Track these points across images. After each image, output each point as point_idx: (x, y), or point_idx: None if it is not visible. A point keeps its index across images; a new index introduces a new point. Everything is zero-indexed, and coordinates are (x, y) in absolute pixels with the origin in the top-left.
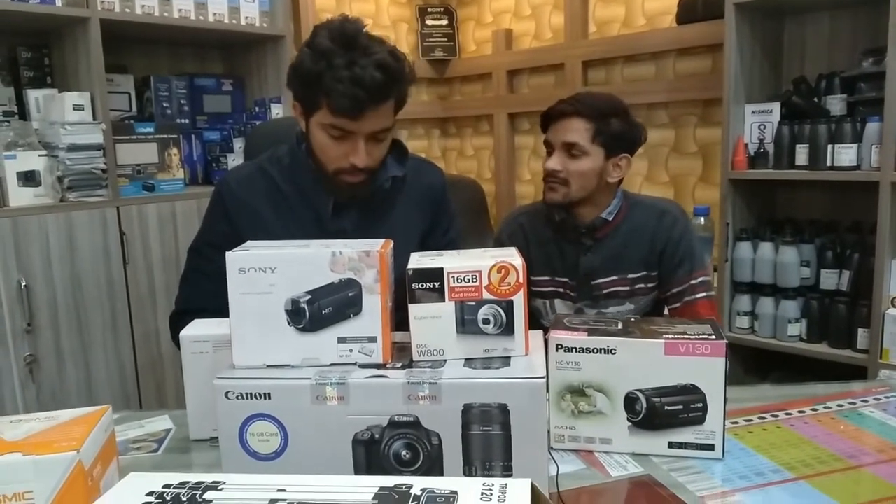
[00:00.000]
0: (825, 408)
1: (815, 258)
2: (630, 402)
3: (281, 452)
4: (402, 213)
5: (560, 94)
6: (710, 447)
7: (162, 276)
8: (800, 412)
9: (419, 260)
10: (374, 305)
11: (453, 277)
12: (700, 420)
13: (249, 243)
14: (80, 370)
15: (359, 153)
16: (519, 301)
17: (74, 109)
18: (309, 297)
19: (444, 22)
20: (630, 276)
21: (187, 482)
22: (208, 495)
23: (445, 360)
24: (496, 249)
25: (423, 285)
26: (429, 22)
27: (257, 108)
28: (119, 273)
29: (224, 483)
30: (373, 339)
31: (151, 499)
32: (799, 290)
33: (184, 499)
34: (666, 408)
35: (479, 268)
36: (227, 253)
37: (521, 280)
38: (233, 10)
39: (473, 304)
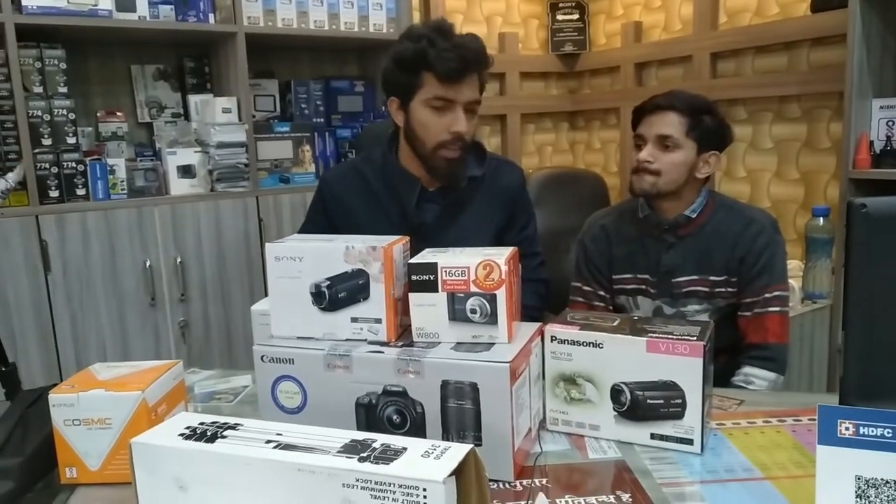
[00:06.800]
0: None
1: None
2: (616, 393)
3: (302, 408)
4: (479, 209)
5: (688, 86)
6: (689, 441)
7: None
8: (811, 419)
9: (422, 255)
10: (380, 292)
11: (445, 271)
12: (679, 415)
13: (288, 237)
14: (222, 334)
15: (459, 120)
16: (502, 295)
17: (223, 112)
18: (328, 282)
19: (575, 16)
20: (712, 278)
21: (216, 422)
22: (227, 433)
23: (440, 343)
24: (489, 249)
25: (420, 277)
26: (559, 17)
27: (384, 108)
28: (257, 253)
29: (242, 425)
30: (378, 321)
31: (187, 431)
32: None
33: (208, 433)
34: (648, 401)
35: (467, 264)
36: (267, 244)
37: (503, 276)
38: (362, 18)
39: (462, 295)
